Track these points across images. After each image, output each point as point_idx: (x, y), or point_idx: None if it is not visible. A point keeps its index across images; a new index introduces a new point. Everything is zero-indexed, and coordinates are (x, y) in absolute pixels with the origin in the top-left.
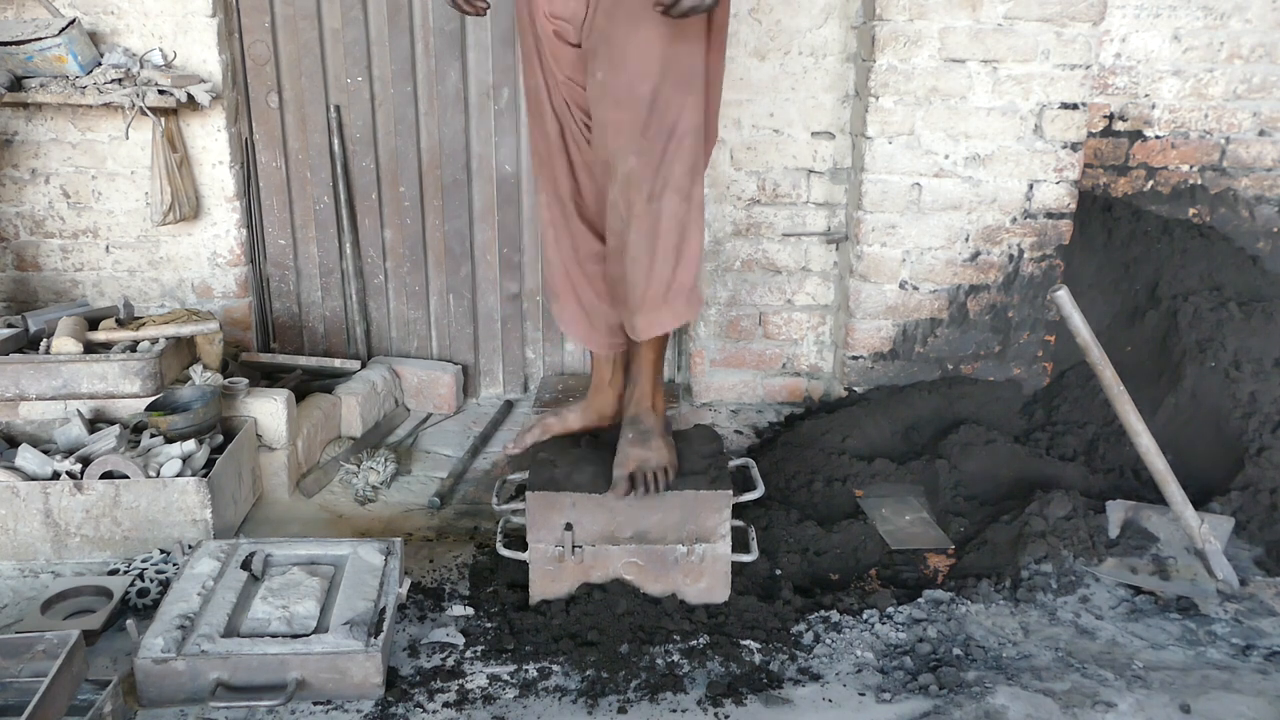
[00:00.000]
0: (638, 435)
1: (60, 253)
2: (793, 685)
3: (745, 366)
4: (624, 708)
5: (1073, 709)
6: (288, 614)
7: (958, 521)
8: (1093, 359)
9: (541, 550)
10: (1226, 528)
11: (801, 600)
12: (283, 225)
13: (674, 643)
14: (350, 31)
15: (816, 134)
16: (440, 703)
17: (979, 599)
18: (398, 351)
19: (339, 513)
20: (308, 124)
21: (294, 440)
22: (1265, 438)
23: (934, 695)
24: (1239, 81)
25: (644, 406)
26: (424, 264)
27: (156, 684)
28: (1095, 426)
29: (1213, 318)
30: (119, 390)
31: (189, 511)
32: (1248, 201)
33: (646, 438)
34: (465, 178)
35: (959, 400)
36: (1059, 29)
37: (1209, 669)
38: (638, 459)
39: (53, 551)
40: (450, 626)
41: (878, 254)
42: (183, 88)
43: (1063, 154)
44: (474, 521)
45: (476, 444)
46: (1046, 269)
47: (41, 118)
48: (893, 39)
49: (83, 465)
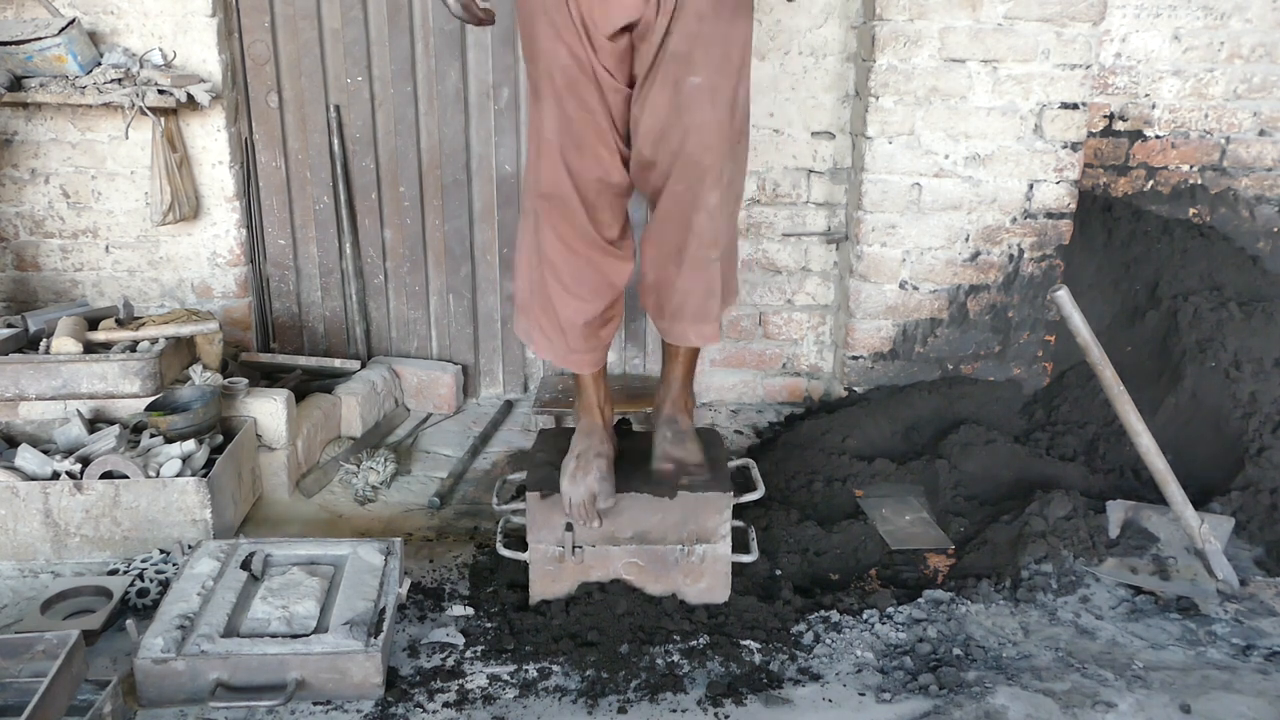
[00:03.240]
0: (675, 435)
1: (60, 253)
2: (793, 685)
3: (745, 366)
4: (624, 708)
5: (1073, 709)
6: (287, 614)
7: (958, 521)
8: (1093, 359)
9: (541, 550)
10: (1226, 528)
11: (801, 600)
12: (283, 225)
13: (674, 643)
14: (350, 31)
15: (816, 134)
16: (440, 703)
17: (979, 599)
18: (398, 351)
19: (339, 513)
20: (308, 124)
21: (294, 440)
22: (1265, 438)
23: (934, 695)
24: (1239, 81)
25: (679, 408)
26: (424, 264)
27: (156, 684)
28: (1095, 426)
29: (1213, 318)
30: (119, 390)
31: (189, 511)
32: (1248, 201)
33: (682, 438)
34: (465, 178)
35: (959, 400)
36: (1059, 29)
37: (1209, 669)
38: (677, 458)
39: (52, 551)
40: (450, 626)
41: (878, 254)
42: (182, 88)
43: (1063, 154)
44: (474, 521)
45: (476, 444)
46: (1046, 269)
47: (41, 118)
48: (893, 39)
49: (82, 465)
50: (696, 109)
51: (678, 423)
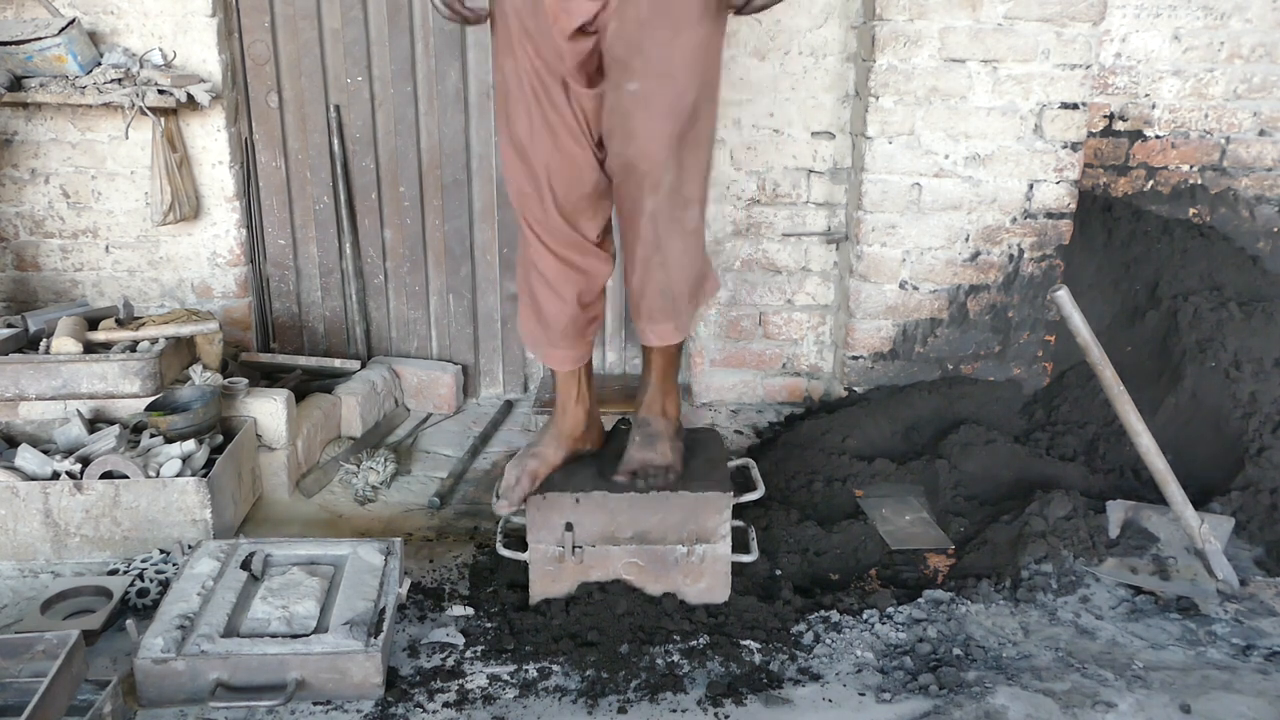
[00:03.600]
0: (644, 438)
1: (60, 253)
2: (793, 685)
3: (745, 366)
4: (624, 708)
5: (1073, 709)
6: (287, 614)
7: (958, 521)
8: (1093, 359)
9: (541, 550)
10: (1226, 528)
11: (801, 600)
12: (283, 225)
13: (674, 643)
14: (350, 31)
15: (816, 134)
16: (440, 703)
17: (979, 599)
18: (398, 351)
19: (339, 513)
20: (308, 124)
21: (294, 440)
22: (1265, 438)
23: (934, 695)
24: (1239, 81)
25: (654, 410)
26: (424, 264)
27: (156, 684)
28: (1095, 426)
29: (1213, 318)
30: (119, 390)
31: (189, 511)
32: (1248, 201)
33: (653, 441)
34: (465, 177)
35: (959, 400)
36: (1059, 29)
37: (1209, 669)
38: (640, 462)
39: (52, 551)
40: (450, 626)
41: (878, 254)
42: (182, 88)
43: (1063, 154)
44: (474, 521)
45: (476, 444)
46: (1046, 269)
47: (41, 118)
48: (893, 39)
49: (82, 465)
50: (635, 115)
51: (650, 425)
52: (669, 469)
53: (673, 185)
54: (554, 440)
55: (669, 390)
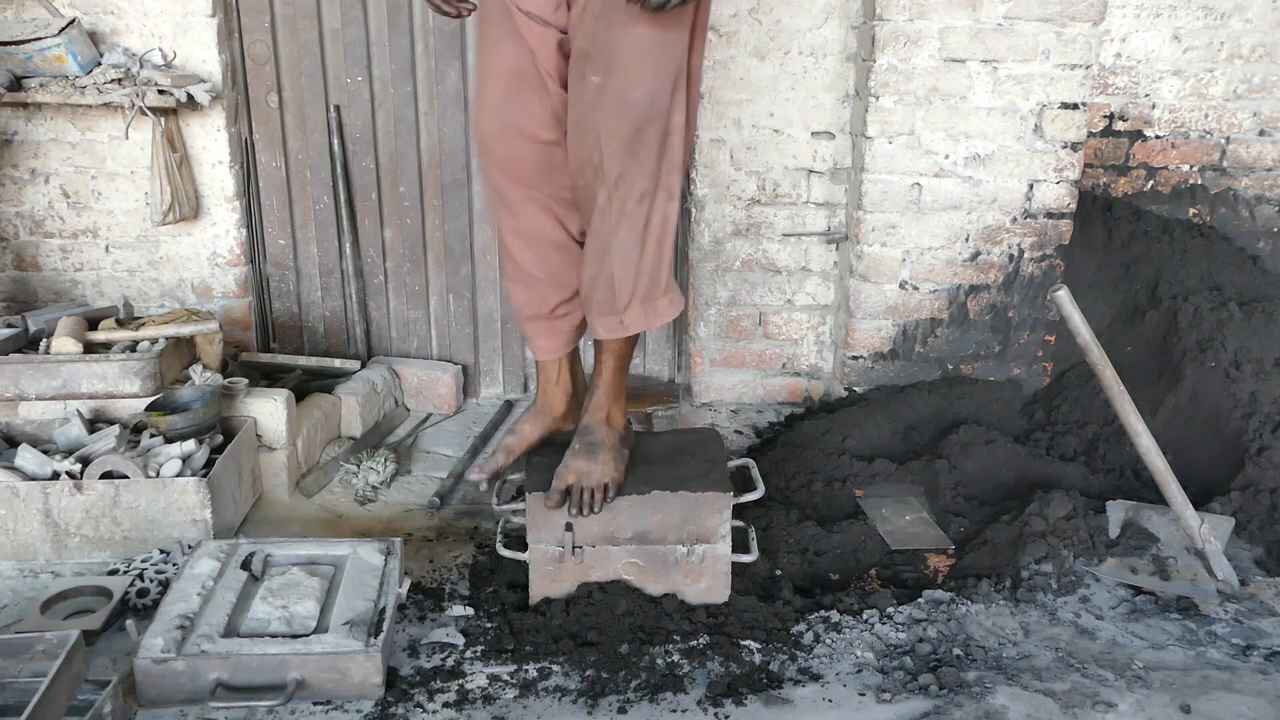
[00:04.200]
0: (584, 447)
1: (60, 253)
2: (793, 685)
3: (745, 366)
4: (624, 708)
5: (1073, 709)
6: (287, 614)
7: (958, 521)
8: (1093, 359)
9: (541, 550)
10: (1226, 528)
11: (801, 600)
12: (282, 225)
13: (674, 643)
14: (350, 31)
15: (816, 134)
16: (440, 703)
17: (979, 599)
18: (398, 351)
19: (339, 513)
20: (308, 124)
21: (294, 440)
22: (1265, 438)
23: (934, 695)
24: (1239, 81)
25: (597, 418)
26: (424, 264)
27: (156, 684)
28: (1095, 426)
29: (1213, 318)
30: (119, 390)
31: (189, 511)
32: (1248, 201)
33: (593, 450)
34: (465, 177)
35: (959, 400)
36: (1059, 29)
37: (1209, 669)
38: (577, 472)
39: (52, 552)
40: (450, 626)
41: (878, 254)
42: (182, 88)
43: (1063, 154)
44: (474, 521)
45: (476, 444)
46: (1046, 269)
47: (41, 118)
48: (893, 39)
49: (82, 465)
50: (591, 107)
51: (593, 433)
52: (608, 485)
53: (624, 179)
54: (532, 418)
55: (617, 396)
